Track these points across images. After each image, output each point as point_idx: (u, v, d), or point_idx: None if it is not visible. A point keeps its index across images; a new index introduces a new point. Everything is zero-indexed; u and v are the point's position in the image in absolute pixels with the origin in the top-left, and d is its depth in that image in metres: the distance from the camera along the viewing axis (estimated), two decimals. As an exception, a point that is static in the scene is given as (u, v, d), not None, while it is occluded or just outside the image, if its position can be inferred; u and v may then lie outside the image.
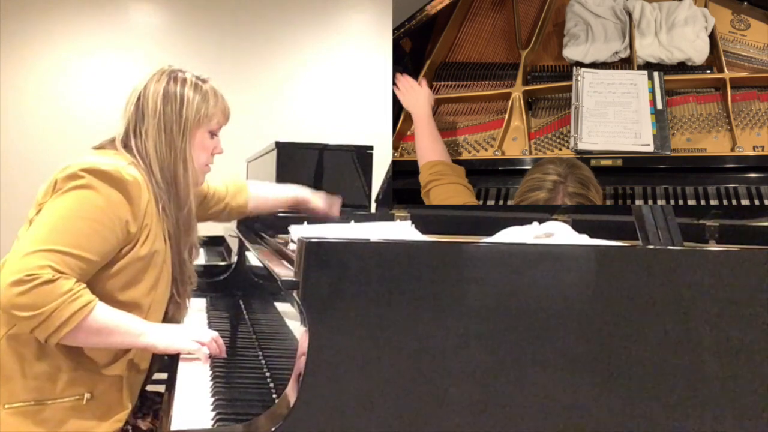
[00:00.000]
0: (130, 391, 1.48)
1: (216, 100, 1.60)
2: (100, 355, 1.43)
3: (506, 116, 1.98)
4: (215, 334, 1.51)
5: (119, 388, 1.46)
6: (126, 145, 1.52)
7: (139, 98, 1.55)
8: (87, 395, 1.41)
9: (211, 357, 1.47)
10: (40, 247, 1.31)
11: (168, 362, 1.57)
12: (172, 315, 1.60)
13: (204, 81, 1.61)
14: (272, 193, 2.07)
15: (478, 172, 1.92)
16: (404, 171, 1.95)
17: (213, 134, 1.62)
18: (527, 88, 2.03)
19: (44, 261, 1.30)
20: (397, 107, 2.04)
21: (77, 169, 1.39)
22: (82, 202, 1.38)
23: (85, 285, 1.35)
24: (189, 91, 1.55)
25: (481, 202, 1.92)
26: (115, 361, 1.45)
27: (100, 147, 1.56)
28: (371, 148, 2.69)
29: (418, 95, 1.94)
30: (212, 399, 1.29)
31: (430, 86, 2.08)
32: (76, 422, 1.39)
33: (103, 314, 1.35)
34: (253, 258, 2.06)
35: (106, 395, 1.43)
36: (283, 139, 2.73)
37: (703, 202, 1.86)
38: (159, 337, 1.42)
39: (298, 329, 1.10)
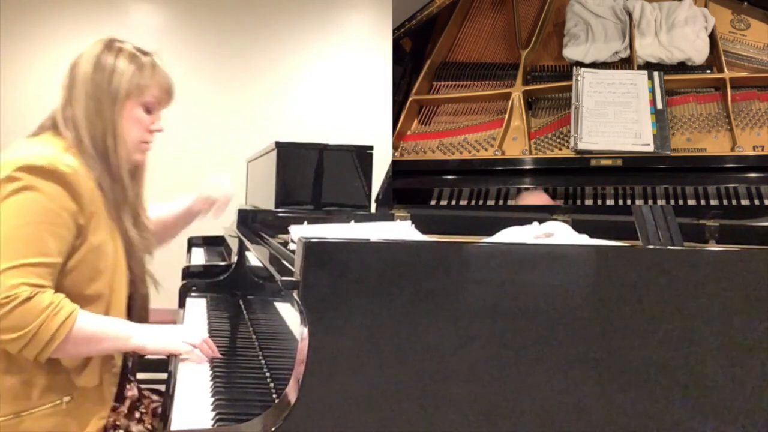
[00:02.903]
0: (109, 388, 1.45)
1: (153, 72, 1.52)
2: (71, 363, 1.39)
3: (506, 116, 1.97)
4: (205, 335, 1.50)
5: (97, 387, 1.42)
6: (62, 119, 1.47)
7: (71, 67, 1.50)
8: (66, 398, 1.38)
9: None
10: (6, 265, 1.26)
11: (168, 362, 1.57)
12: (140, 303, 1.56)
13: (146, 53, 1.54)
14: (165, 212, 1.96)
15: (478, 172, 1.92)
16: (404, 171, 1.95)
17: (149, 109, 1.54)
18: (527, 88, 2.02)
19: (16, 279, 1.26)
20: (397, 107, 2.04)
21: (11, 170, 1.33)
22: (28, 207, 1.32)
23: (63, 295, 1.32)
24: (123, 61, 1.48)
25: (481, 203, 1.92)
26: (85, 368, 1.41)
27: (39, 131, 1.51)
28: (371, 148, 2.69)
29: None
30: (212, 399, 1.29)
31: (430, 86, 2.08)
32: (59, 426, 1.36)
33: (88, 322, 1.33)
34: (253, 258, 2.06)
35: (85, 396, 1.40)
36: (283, 139, 2.73)
37: (703, 202, 1.86)
38: (148, 339, 1.40)
39: (298, 329, 1.10)
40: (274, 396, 1.34)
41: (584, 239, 1.31)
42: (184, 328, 1.58)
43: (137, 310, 1.56)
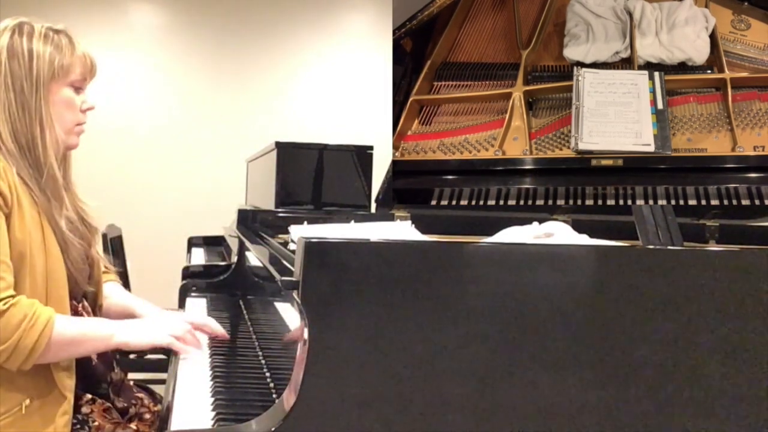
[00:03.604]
0: (62, 381, 1.37)
1: (72, 49, 1.43)
2: (20, 379, 1.32)
3: (507, 116, 1.97)
4: (189, 325, 1.49)
5: (51, 383, 1.35)
6: None
7: None
8: (26, 402, 1.31)
9: (212, 356, 1.47)
10: None
11: (168, 362, 1.57)
12: (88, 301, 1.50)
13: (58, 31, 1.44)
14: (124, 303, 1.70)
15: (478, 172, 1.92)
16: (404, 171, 1.95)
17: (77, 88, 1.45)
18: (528, 88, 2.02)
19: None
20: (398, 107, 2.03)
21: None
22: None
23: (37, 301, 1.28)
24: (38, 43, 1.39)
25: (481, 203, 1.92)
26: (37, 377, 1.34)
27: None
28: (371, 148, 2.69)
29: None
30: (212, 399, 1.29)
31: (431, 86, 2.08)
32: (24, 430, 1.31)
33: (66, 326, 1.30)
34: (253, 258, 2.06)
35: (43, 395, 1.34)
36: (283, 139, 2.73)
37: (703, 202, 1.86)
38: (130, 334, 1.39)
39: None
40: (274, 396, 1.34)
41: (584, 239, 1.31)
42: (167, 320, 1.52)
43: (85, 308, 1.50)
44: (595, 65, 2.06)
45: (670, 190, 1.85)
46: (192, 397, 1.30)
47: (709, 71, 2.05)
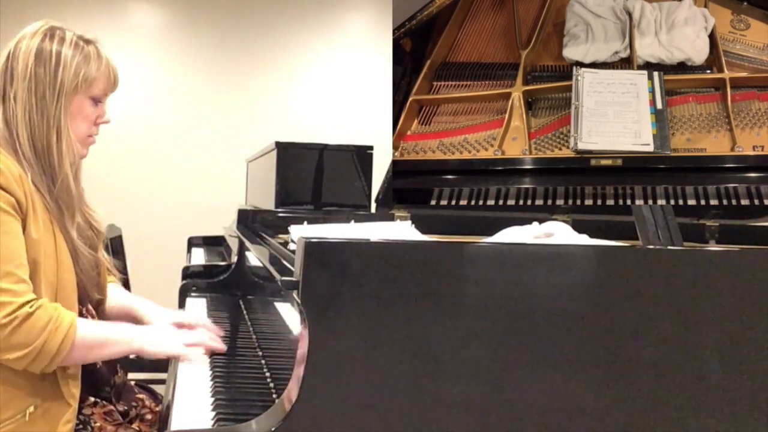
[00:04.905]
0: (69, 390, 1.36)
1: (99, 63, 1.42)
2: (25, 386, 1.31)
3: (506, 116, 1.97)
4: (204, 337, 1.50)
5: (57, 391, 1.34)
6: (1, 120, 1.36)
7: (8, 58, 1.37)
8: (30, 408, 1.30)
9: (212, 355, 1.47)
10: None
11: (168, 362, 1.57)
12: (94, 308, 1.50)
13: (88, 42, 1.42)
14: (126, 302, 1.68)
15: (478, 172, 1.92)
16: (404, 171, 1.95)
17: (96, 101, 1.44)
18: (527, 87, 2.02)
19: (4, 297, 1.21)
20: (397, 107, 2.04)
21: None
22: None
23: (59, 305, 1.29)
24: (67, 51, 1.38)
25: (481, 203, 1.92)
26: (43, 383, 1.33)
27: None
28: (371, 148, 2.69)
29: None
30: (212, 399, 1.29)
31: (431, 86, 2.08)
32: None
33: (89, 330, 1.31)
34: (253, 258, 2.06)
35: (48, 402, 1.33)
36: (283, 139, 2.73)
37: (703, 202, 1.86)
38: (148, 340, 1.40)
39: (298, 329, 1.10)
40: (274, 396, 1.34)
41: (584, 239, 1.32)
42: (183, 331, 1.53)
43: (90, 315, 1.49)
44: (594, 65, 2.06)
45: (669, 190, 1.85)
46: (192, 397, 1.30)
47: (708, 71, 2.05)
